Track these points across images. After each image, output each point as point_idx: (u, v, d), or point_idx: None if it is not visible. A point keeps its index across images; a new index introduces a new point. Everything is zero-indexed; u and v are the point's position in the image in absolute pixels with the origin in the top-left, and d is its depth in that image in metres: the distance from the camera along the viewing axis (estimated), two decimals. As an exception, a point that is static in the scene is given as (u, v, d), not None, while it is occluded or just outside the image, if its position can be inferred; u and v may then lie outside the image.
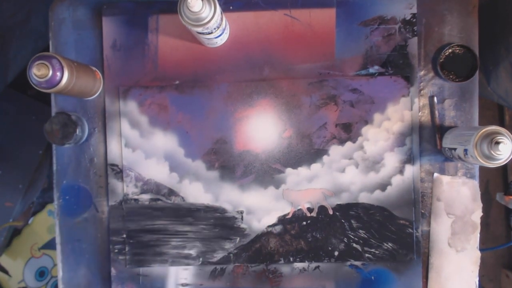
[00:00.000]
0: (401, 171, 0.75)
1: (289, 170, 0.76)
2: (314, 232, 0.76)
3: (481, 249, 0.75)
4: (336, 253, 0.76)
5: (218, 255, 0.76)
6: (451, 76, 0.75)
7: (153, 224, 0.76)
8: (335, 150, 0.75)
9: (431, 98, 0.76)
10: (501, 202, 0.82)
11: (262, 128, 0.76)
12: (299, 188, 0.76)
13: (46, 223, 1.40)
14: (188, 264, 0.77)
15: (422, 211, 0.76)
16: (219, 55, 0.76)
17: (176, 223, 0.76)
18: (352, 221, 0.76)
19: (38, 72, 0.60)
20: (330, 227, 0.76)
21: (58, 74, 0.61)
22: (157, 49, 0.76)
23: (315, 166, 0.76)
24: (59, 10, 0.77)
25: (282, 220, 0.76)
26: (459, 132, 0.69)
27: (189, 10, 0.59)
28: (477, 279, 0.75)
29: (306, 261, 0.76)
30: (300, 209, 0.76)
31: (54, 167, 0.77)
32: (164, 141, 0.76)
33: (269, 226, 0.76)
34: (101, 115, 0.77)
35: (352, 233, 0.76)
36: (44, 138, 0.73)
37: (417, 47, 0.75)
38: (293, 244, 0.76)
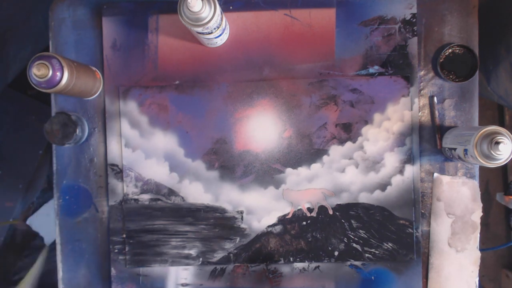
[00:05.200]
0: (401, 171, 0.75)
1: (289, 170, 0.76)
2: (314, 232, 0.76)
3: (481, 249, 0.75)
4: (336, 253, 0.76)
5: (218, 255, 0.76)
6: (451, 76, 0.75)
7: (153, 224, 0.76)
8: (335, 150, 0.75)
9: (431, 98, 0.76)
10: (501, 202, 0.82)
11: (262, 128, 0.76)
12: (299, 188, 0.76)
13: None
14: (188, 264, 0.76)
15: (422, 211, 0.76)
16: (219, 55, 0.76)
17: (176, 223, 0.76)
18: (352, 221, 0.76)
19: (38, 72, 0.60)
20: (330, 227, 0.76)
21: (58, 74, 0.61)
22: (157, 49, 0.76)
23: (315, 166, 0.76)
24: (59, 10, 0.77)
25: (282, 220, 0.76)
26: (459, 132, 0.69)
27: (189, 10, 0.59)
28: (477, 279, 0.75)
29: (306, 261, 0.76)
30: (300, 209, 0.76)
31: (54, 167, 0.77)
32: (164, 141, 0.76)
33: (269, 226, 0.76)
34: (101, 115, 0.77)
35: (352, 233, 0.76)
36: (44, 138, 0.73)
37: (417, 47, 0.75)
38: (293, 244, 0.76)
